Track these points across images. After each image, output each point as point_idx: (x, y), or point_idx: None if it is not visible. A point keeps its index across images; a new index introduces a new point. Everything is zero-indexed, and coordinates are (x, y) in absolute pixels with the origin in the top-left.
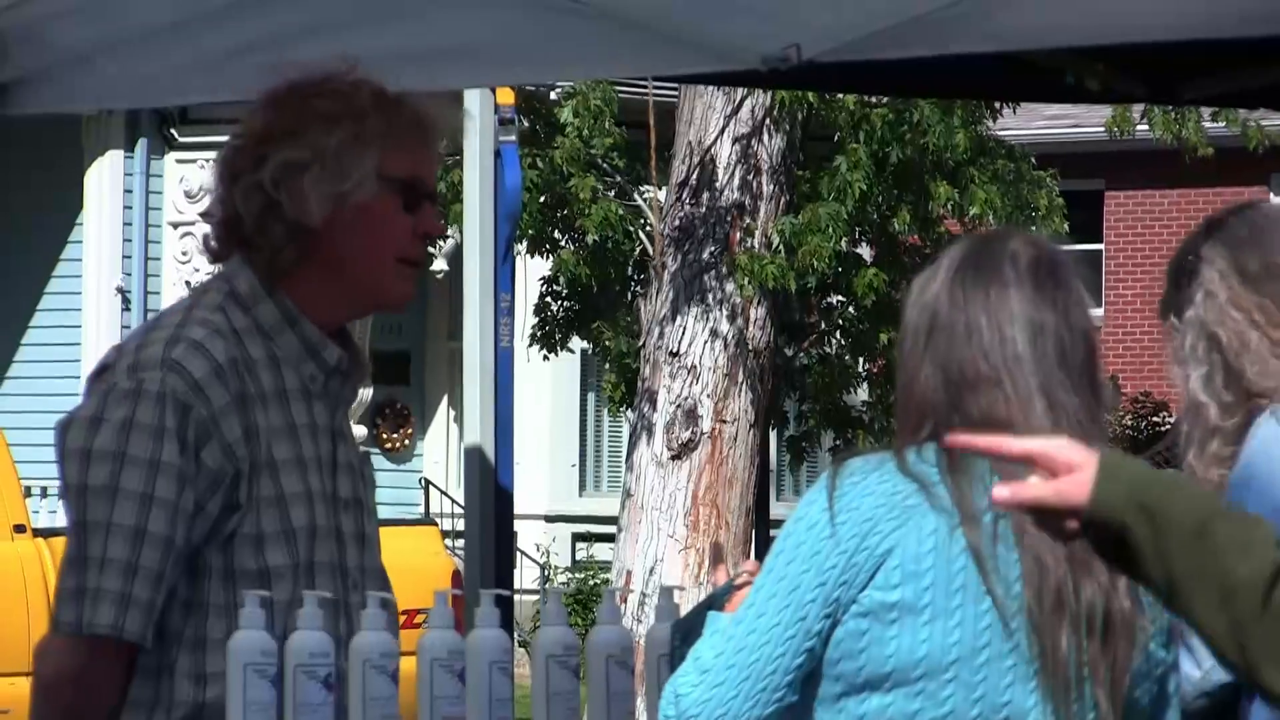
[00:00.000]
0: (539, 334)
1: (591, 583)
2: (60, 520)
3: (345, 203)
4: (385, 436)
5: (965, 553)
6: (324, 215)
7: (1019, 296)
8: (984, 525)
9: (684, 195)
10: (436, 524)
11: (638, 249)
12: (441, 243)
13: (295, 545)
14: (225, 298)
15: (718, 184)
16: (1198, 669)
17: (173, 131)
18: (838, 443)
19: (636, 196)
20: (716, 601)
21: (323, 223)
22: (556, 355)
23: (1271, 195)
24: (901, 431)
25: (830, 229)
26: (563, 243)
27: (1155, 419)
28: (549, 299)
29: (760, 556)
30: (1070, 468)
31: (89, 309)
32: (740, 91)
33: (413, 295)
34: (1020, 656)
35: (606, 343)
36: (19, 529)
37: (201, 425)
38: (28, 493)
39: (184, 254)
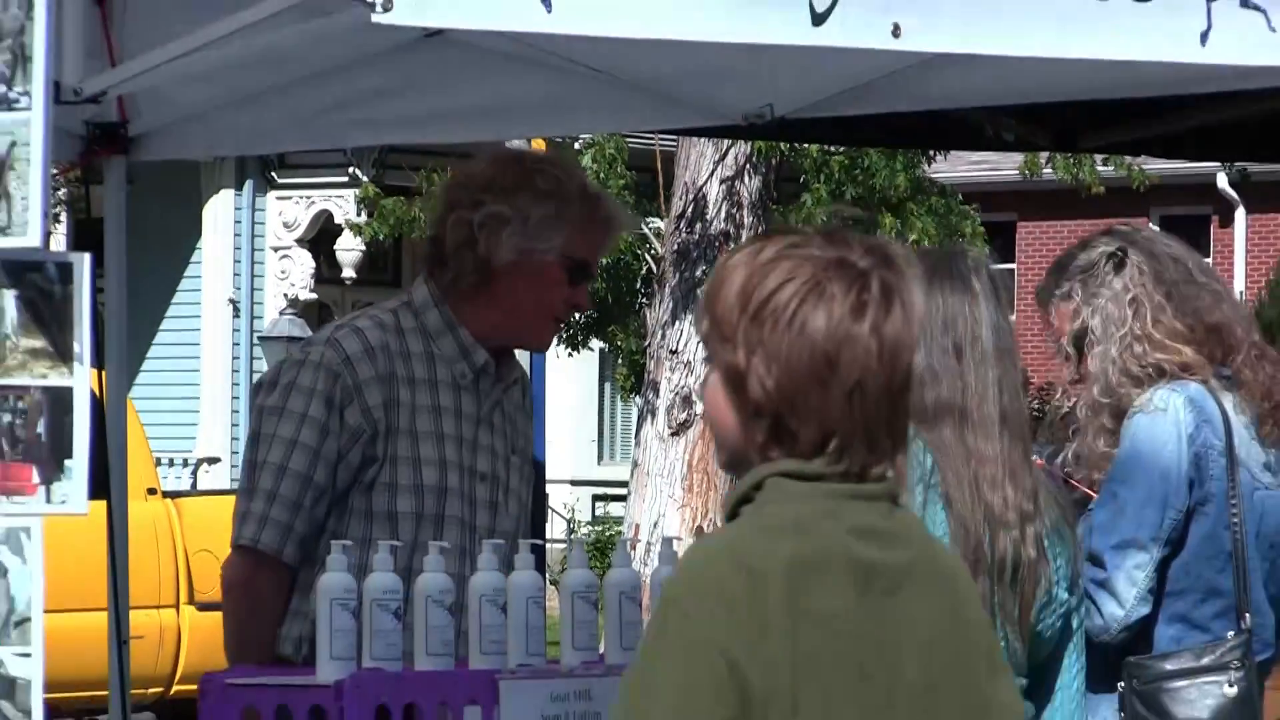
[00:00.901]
0: (565, 336)
1: (607, 534)
2: (182, 484)
3: (530, 260)
4: None
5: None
6: (507, 262)
7: (985, 302)
8: (916, 494)
9: (681, 225)
10: None
11: (644, 268)
12: None
13: (423, 499)
14: (401, 304)
15: (708, 216)
16: (1121, 609)
17: (273, 174)
18: None
19: (643, 226)
20: None
21: (505, 267)
22: (579, 352)
23: (1151, 224)
24: None
25: None
26: None
27: (1056, 404)
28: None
29: None
30: None
31: (206, 315)
32: (726, 141)
33: (546, 346)
34: None
35: (619, 343)
36: (151, 491)
37: (346, 390)
38: (158, 462)
39: (282, 272)
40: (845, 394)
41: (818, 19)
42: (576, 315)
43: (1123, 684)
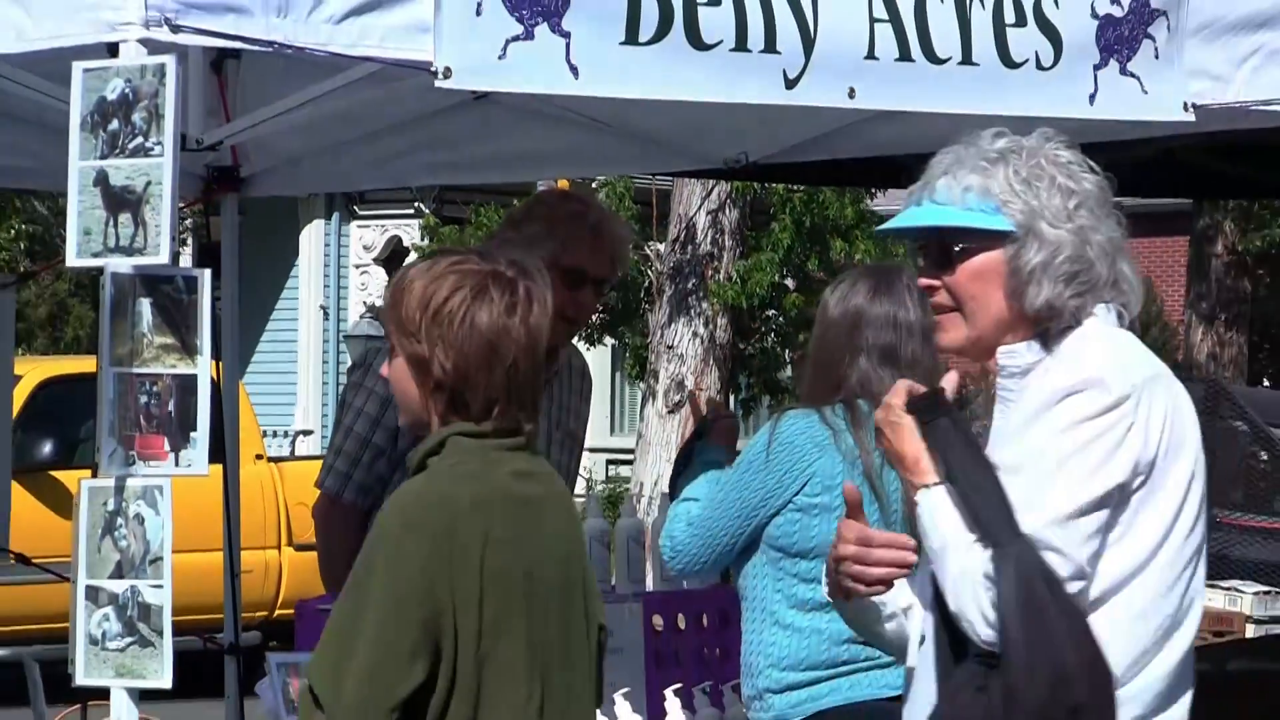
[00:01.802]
0: (584, 333)
1: (618, 490)
2: (282, 451)
3: None
4: None
5: (862, 475)
6: None
7: (915, 305)
8: (875, 458)
9: (675, 248)
10: None
11: (647, 281)
12: None
13: None
14: None
15: (697, 240)
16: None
17: (354, 207)
18: (771, 403)
19: (646, 248)
20: (704, 432)
21: None
22: (594, 347)
23: None
24: (815, 395)
25: (768, 269)
26: None
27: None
28: None
29: None
30: None
31: (302, 318)
32: (711, 181)
33: (564, 342)
34: None
35: (627, 339)
36: (258, 457)
37: None
38: (263, 434)
39: (362, 284)
40: (504, 372)
41: (790, 84)
42: (594, 317)
43: None
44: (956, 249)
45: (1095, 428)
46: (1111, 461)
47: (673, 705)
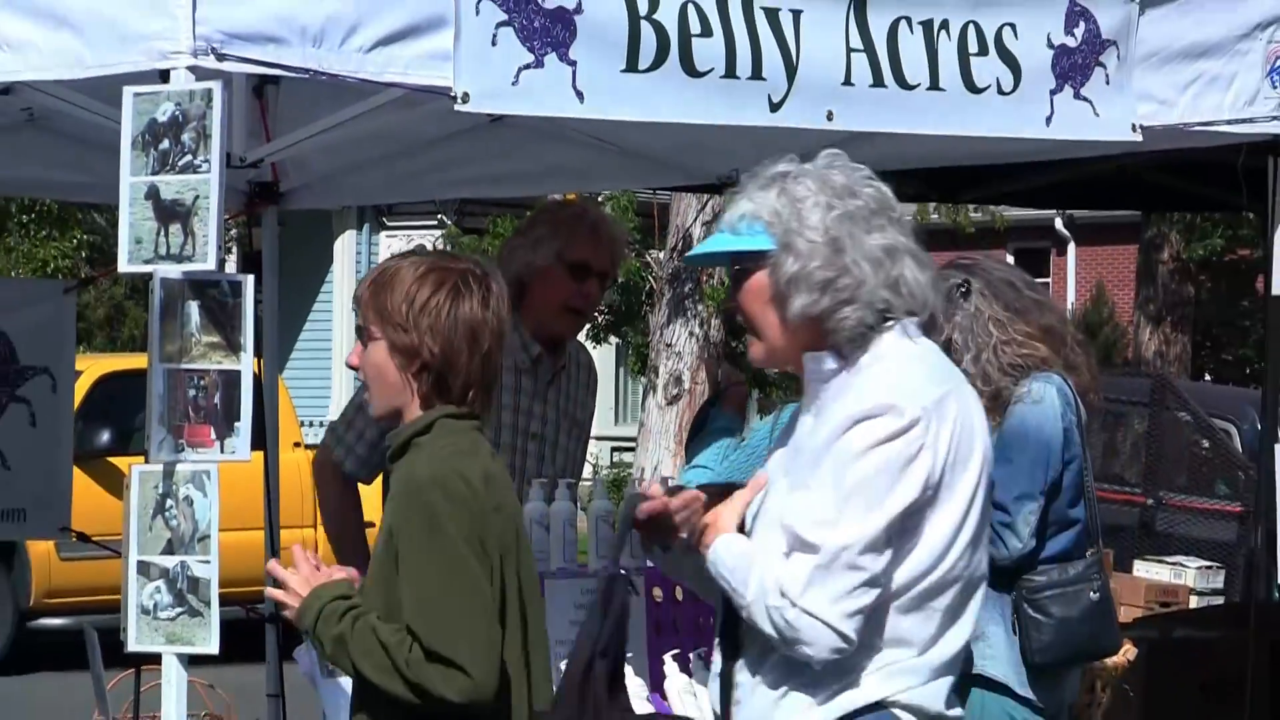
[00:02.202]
0: (591, 333)
1: (621, 475)
2: (317, 440)
3: (533, 268)
4: None
5: None
6: (518, 274)
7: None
8: None
9: (673, 255)
10: None
11: (648, 286)
12: None
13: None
14: None
15: (695, 248)
16: (1020, 543)
17: (383, 219)
18: (760, 396)
19: (646, 256)
20: (719, 397)
21: (522, 278)
22: (600, 345)
23: (1008, 255)
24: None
25: None
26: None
27: None
28: (597, 314)
29: None
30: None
31: (335, 319)
32: (705, 195)
33: (573, 333)
34: None
35: (630, 338)
36: (296, 444)
37: None
38: (301, 423)
39: None
40: (480, 358)
41: (774, 107)
42: (598, 315)
43: (1012, 593)
44: (737, 270)
45: (888, 452)
46: (903, 483)
47: (671, 669)
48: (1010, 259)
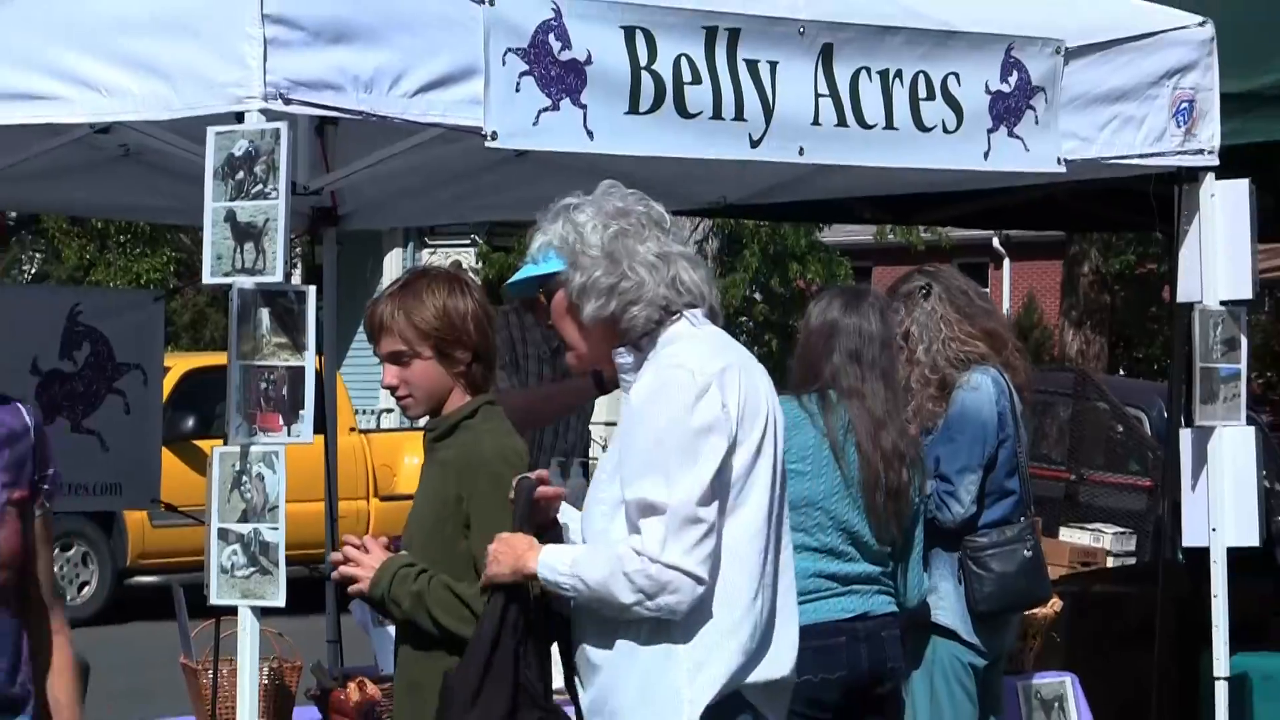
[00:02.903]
0: None
1: None
2: (370, 425)
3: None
4: None
5: (829, 448)
6: None
7: (877, 319)
8: (839, 436)
9: None
10: None
11: None
12: None
13: None
14: (512, 309)
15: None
16: (962, 509)
17: (425, 238)
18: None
19: None
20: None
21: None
22: None
23: (953, 267)
24: (797, 386)
25: (741, 285)
26: None
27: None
28: None
29: None
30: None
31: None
32: (698, 218)
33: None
34: (854, 502)
35: None
36: (351, 429)
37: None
38: (356, 411)
39: None
40: (489, 344)
41: (754, 144)
42: None
43: (959, 552)
44: (542, 293)
45: (695, 415)
46: (713, 438)
47: None
48: None
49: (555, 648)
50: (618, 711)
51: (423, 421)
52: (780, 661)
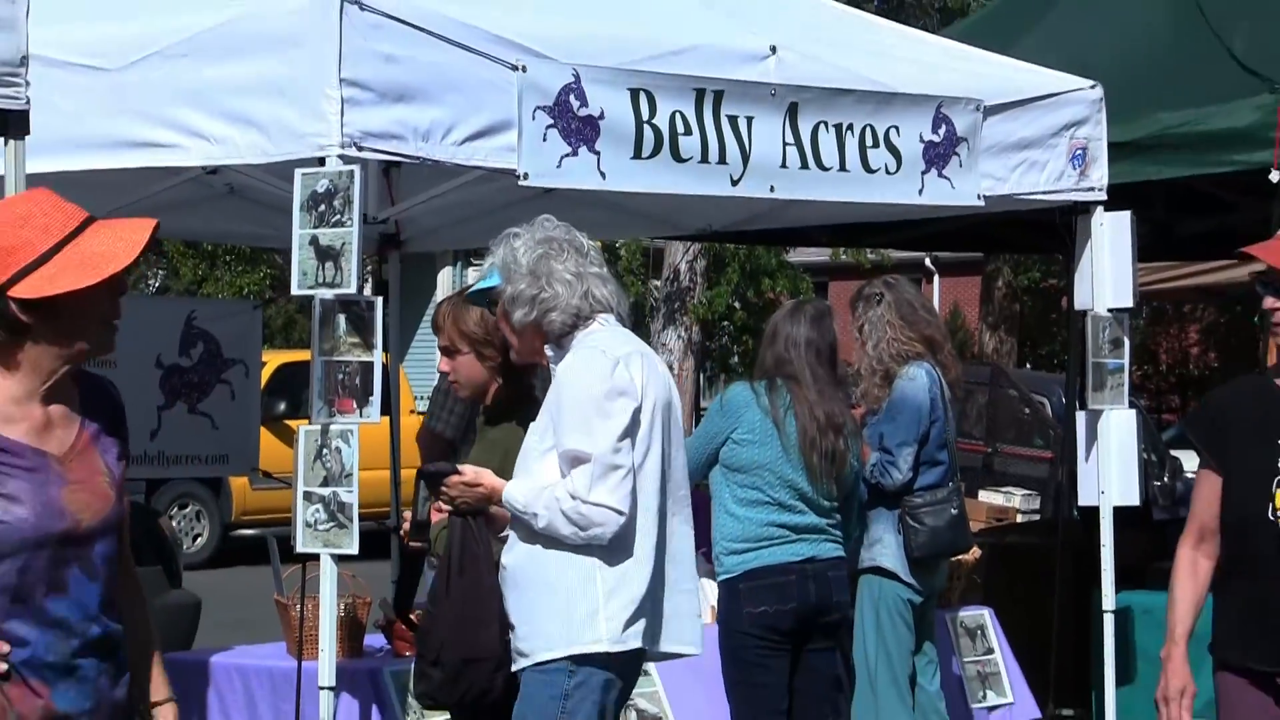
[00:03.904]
0: None
1: None
2: (424, 407)
3: None
4: None
5: (771, 422)
6: None
7: (810, 326)
8: (780, 413)
9: (667, 284)
10: None
11: (650, 303)
12: None
13: None
14: None
15: (680, 279)
16: (901, 475)
17: (471, 259)
18: (726, 379)
19: (649, 284)
20: None
21: None
22: None
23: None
24: (755, 374)
25: (724, 296)
26: None
27: (851, 370)
28: None
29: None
30: None
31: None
32: (689, 243)
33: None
34: (796, 464)
35: None
36: (412, 411)
37: None
38: (415, 397)
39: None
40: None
41: (734, 183)
42: None
43: (898, 510)
44: (489, 303)
45: (607, 382)
46: (623, 398)
47: None
48: None
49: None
50: (541, 613)
51: None
52: (672, 638)
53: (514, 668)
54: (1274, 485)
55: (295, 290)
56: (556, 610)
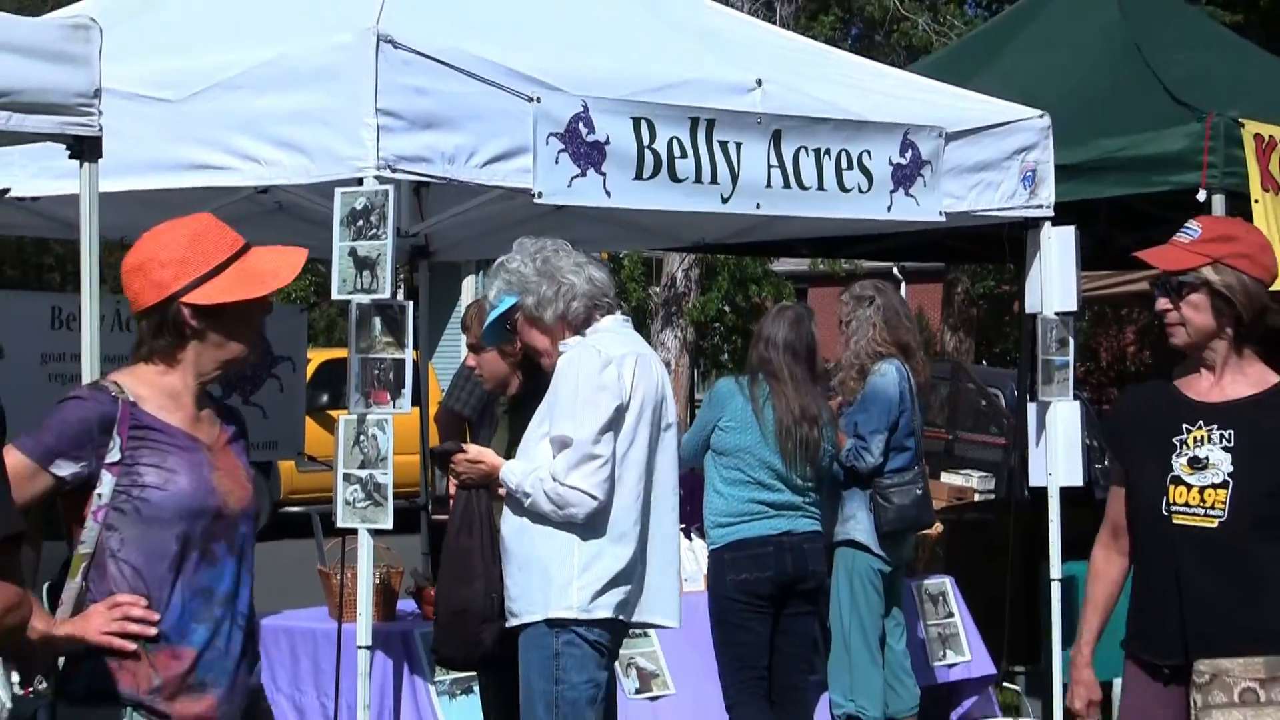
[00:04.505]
0: None
1: None
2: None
3: None
4: None
5: (751, 412)
6: None
7: (790, 329)
8: (760, 404)
9: (665, 289)
10: None
11: (650, 306)
12: None
13: None
14: None
15: (677, 285)
16: (874, 459)
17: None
18: (717, 374)
19: (649, 290)
20: None
21: None
22: None
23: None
24: (741, 370)
25: (715, 301)
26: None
27: (830, 365)
28: None
29: (691, 420)
30: None
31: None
32: (685, 254)
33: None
34: (774, 449)
35: None
36: (440, 403)
37: None
38: (443, 390)
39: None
40: None
41: (724, 200)
42: None
43: (870, 489)
44: (509, 327)
45: (599, 378)
46: (608, 394)
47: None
48: None
49: None
50: (529, 579)
51: None
52: (651, 608)
53: (507, 624)
54: (1168, 482)
55: (335, 295)
56: (538, 579)
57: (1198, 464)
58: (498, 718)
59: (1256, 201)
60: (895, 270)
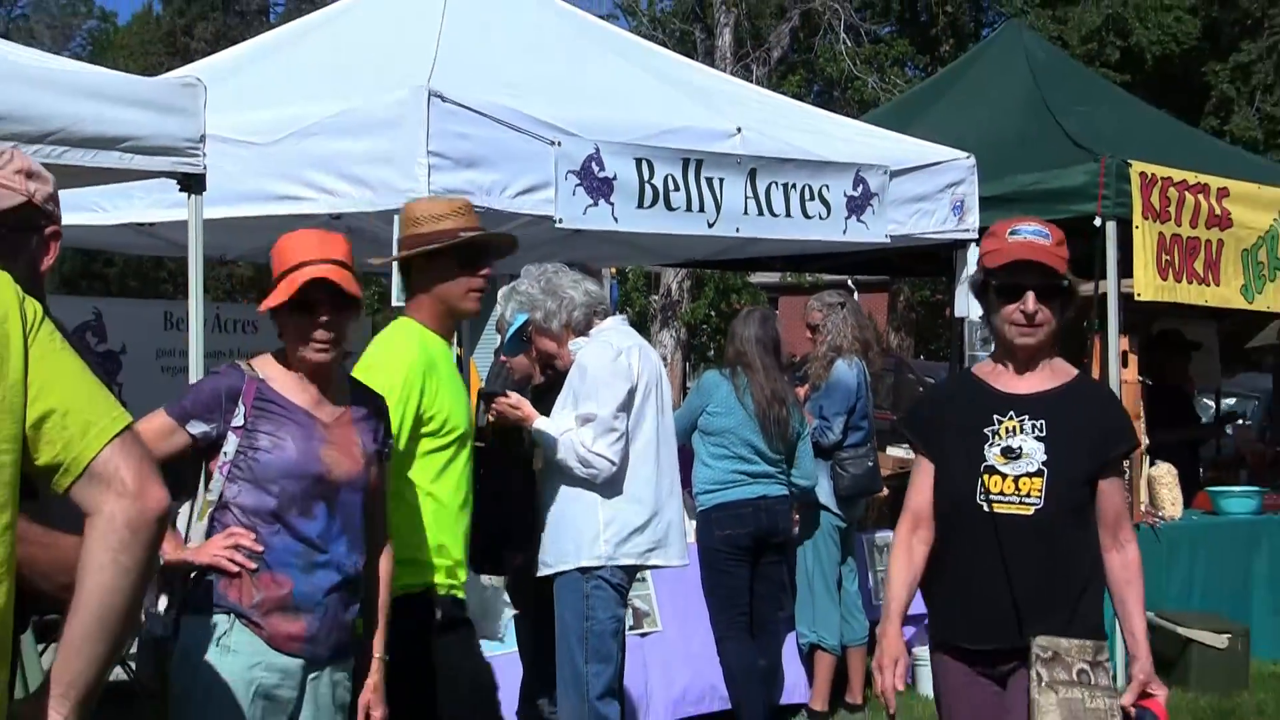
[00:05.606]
0: None
1: None
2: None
3: None
4: None
5: (734, 398)
6: None
7: (754, 328)
8: (741, 390)
9: (663, 297)
10: None
11: (650, 312)
12: None
13: None
14: None
15: (672, 294)
16: (835, 435)
17: (519, 275)
18: (704, 367)
19: (650, 298)
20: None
21: None
22: None
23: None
24: (722, 363)
25: (703, 307)
26: (628, 311)
27: (798, 359)
28: None
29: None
30: None
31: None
32: (680, 269)
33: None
34: (754, 429)
35: None
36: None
37: None
38: (482, 380)
39: None
40: None
41: (710, 226)
42: None
43: (830, 461)
44: (525, 341)
45: (613, 365)
46: (622, 378)
47: None
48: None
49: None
50: (561, 536)
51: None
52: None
53: (539, 573)
54: (982, 471)
55: (395, 302)
56: (569, 534)
57: (1011, 453)
58: (531, 655)
59: (1137, 227)
60: (849, 282)
